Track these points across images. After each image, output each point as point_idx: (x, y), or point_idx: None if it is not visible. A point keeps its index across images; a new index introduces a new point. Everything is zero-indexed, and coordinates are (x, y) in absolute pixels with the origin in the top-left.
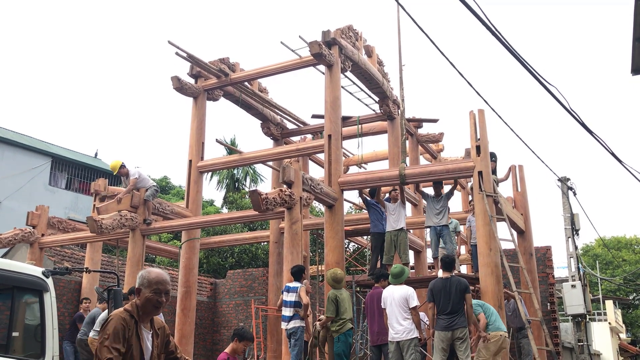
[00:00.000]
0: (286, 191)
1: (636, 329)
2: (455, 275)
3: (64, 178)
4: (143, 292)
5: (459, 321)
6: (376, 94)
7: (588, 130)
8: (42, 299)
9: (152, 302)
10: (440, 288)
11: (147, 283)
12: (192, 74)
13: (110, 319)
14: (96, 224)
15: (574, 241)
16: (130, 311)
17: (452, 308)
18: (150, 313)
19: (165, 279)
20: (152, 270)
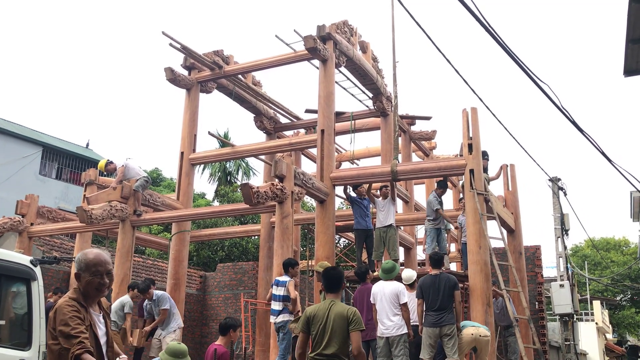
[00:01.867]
0: (278, 185)
1: (623, 329)
2: (445, 272)
3: (55, 168)
4: (83, 276)
5: (447, 318)
6: (370, 90)
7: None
8: (29, 287)
9: (94, 285)
10: (429, 285)
11: (86, 266)
12: (186, 65)
13: (56, 308)
14: (86, 214)
15: (564, 241)
16: (75, 298)
17: (441, 304)
18: (95, 297)
19: (105, 259)
20: (89, 251)
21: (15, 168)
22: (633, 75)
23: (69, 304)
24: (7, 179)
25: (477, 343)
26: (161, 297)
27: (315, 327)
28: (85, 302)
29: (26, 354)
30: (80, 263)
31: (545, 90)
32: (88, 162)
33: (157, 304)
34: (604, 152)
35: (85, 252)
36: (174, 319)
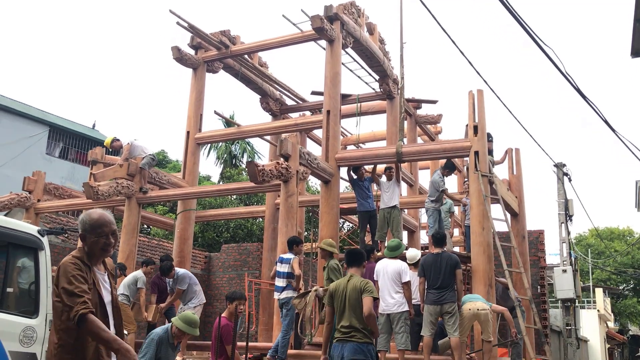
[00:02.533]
0: (283, 164)
1: (624, 318)
2: (447, 252)
3: (61, 147)
4: (88, 237)
5: (448, 296)
6: (376, 72)
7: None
8: (37, 257)
9: (99, 245)
10: (430, 263)
11: (90, 227)
12: (193, 45)
13: (60, 266)
14: (92, 190)
15: (567, 227)
16: (80, 257)
17: (442, 283)
18: (101, 256)
19: (109, 219)
20: (93, 211)
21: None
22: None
23: (72, 262)
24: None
25: (477, 318)
26: (181, 276)
27: (337, 300)
28: (90, 262)
29: (34, 321)
30: (84, 224)
31: (549, 55)
32: (94, 143)
33: (177, 282)
34: (607, 121)
35: (89, 213)
36: (196, 296)
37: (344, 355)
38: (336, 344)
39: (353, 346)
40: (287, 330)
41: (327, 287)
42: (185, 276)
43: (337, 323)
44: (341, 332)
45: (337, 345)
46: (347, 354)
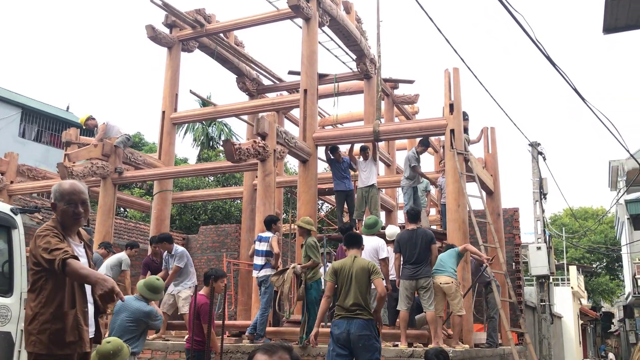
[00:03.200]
0: (260, 143)
1: (597, 295)
2: (422, 228)
3: (35, 130)
4: (58, 206)
5: (423, 271)
6: (354, 52)
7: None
8: (10, 236)
9: (68, 214)
10: (406, 239)
11: (60, 196)
12: (167, 23)
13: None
14: (67, 170)
15: (542, 205)
16: (54, 226)
17: (417, 258)
18: (72, 226)
19: (80, 189)
20: (65, 181)
21: None
22: (612, 33)
23: (47, 228)
24: None
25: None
26: (180, 253)
27: (341, 278)
28: (64, 232)
29: (8, 300)
30: (55, 193)
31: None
32: (68, 125)
33: (174, 259)
34: (577, 89)
35: (60, 183)
36: (189, 277)
37: (351, 331)
38: (340, 320)
39: (360, 322)
40: (265, 308)
41: (305, 263)
42: (184, 254)
43: (341, 300)
44: (346, 310)
45: (341, 321)
46: (355, 330)
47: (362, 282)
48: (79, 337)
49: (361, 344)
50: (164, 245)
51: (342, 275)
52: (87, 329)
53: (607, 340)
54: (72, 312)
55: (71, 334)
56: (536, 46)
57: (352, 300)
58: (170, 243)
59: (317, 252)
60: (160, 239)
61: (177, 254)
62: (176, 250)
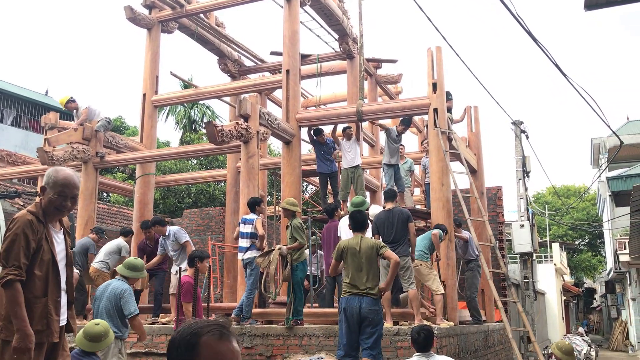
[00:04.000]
0: (243, 124)
1: (580, 272)
2: (398, 207)
3: (13, 115)
4: (47, 192)
5: (400, 250)
6: (336, 32)
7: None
8: None
9: (54, 204)
10: (383, 219)
11: (53, 183)
12: (146, 4)
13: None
14: (47, 155)
15: (525, 183)
16: (35, 212)
17: (394, 237)
18: (54, 215)
19: (73, 182)
20: (62, 169)
21: None
22: (594, 9)
23: (28, 219)
24: None
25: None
26: (177, 231)
27: (349, 257)
28: (44, 219)
29: None
30: (49, 178)
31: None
32: (48, 109)
33: (175, 238)
34: (558, 65)
35: (57, 169)
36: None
37: (362, 306)
38: (351, 297)
39: (370, 300)
40: (251, 290)
41: (290, 245)
42: (182, 230)
43: (353, 279)
44: (357, 288)
45: (352, 297)
46: (365, 306)
47: (372, 261)
48: (46, 327)
49: (370, 318)
50: (157, 229)
51: (350, 254)
52: (57, 319)
53: (589, 316)
54: (42, 300)
55: (39, 322)
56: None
57: (364, 279)
58: (163, 225)
59: (303, 233)
60: (153, 223)
61: (175, 233)
62: (171, 230)
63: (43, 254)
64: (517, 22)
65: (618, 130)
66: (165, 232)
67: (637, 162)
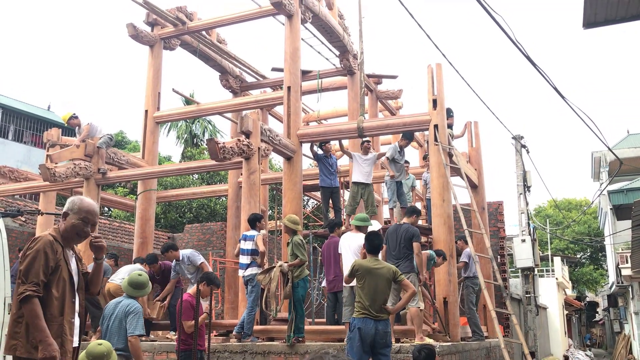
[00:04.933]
0: (244, 141)
1: (582, 285)
2: (408, 224)
3: (15, 130)
4: (70, 217)
5: (403, 266)
6: (337, 48)
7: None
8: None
9: (77, 229)
10: (391, 232)
11: (78, 209)
12: (149, 21)
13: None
14: (49, 172)
15: (525, 197)
16: (55, 236)
17: (398, 253)
18: (73, 240)
19: (96, 210)
20: (85, 198)
21: None
22: (592, 28)
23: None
24: None
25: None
26: (191, 254)
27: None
28: (63, 242)
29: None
30: (73, 205)
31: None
32: (50, 125)
33: (190, 261)
34: (556, 88)
35: (81, 198)
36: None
37: (378, 329)
38: (367, 319)
39: (385, 322)
40: (252, 307)
41: (291, 262)
42: (195, 252)
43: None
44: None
45: (369, 320)
46: (381, 329)
47: (388, 286)
48: (61, 346)
49: (383, 341)
50: (171, 254)
51: (367, 276)
52: (72, 339)
53: (592, 329)
54: (58, 319)
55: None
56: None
57: (378, 305)
58: (176, 250)
59: (304, 250)
60: (167, 248)
61: (189, 256)
62: (184, 254)
63: (61, 274)
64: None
65: (619, 143)
66: (179, 256)
67: (638, 176)
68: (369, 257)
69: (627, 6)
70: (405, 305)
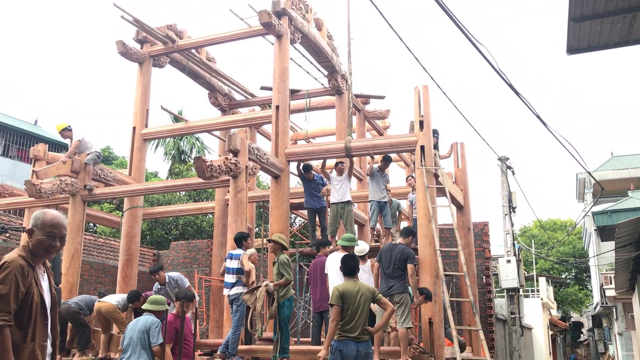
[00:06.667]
0: (232, 159)
1: (567, 305)
2: (402, 244)
3: (1, 145)
4: (36, 233)
5: (396, 286)
6: (325, 68)
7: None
8: None
9: (43, 245)
10: (385, 251)
11: (41, 224)
12: (138, 39)
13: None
14: (35, 188)
15: (511, 218)
16: (25, 257)
17: (392, 272)
18: (42, 257)
19: (61, 223)
20: (49, 211)
21: None
22: (575, 54)
23: (20, 263)
24: None
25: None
26: (178, 277)
27: (348, 303)
28: (33, 261)
29: None
30: (37, 220)
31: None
32: (37, 139)
33: (177, 285)
34: (539, 116)
35: (44, 211)
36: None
37: (360, 350)
38: (348, 341)
39: (366, 343)
40: (237, 326)
41: (276, 281)
42: (182, 277)
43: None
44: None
45: (350, 342)
46: (363, 349)
47: (366, 308)
48: None
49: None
50: (160, 276)
51: (348, 301)
52: None
53: (576, 350)
54: (29, 345)
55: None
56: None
57: (360, 326)
58: (163, 271)
59: (290, 269)
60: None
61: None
62: (171, 277)
63: (34, 297)
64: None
65: (602, 165)
66: (163, 280)
67: (621, 197)
68: (347, 280)
69: (609, 34)
70: (385, 324)
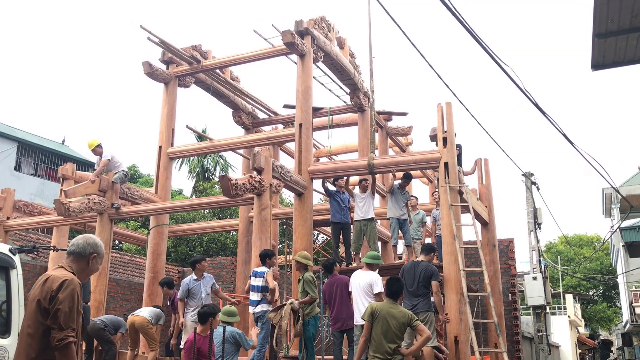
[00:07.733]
0: (256, 177)
1: (595, 323)
2: (426, 261)
3: (31, 164)
4: (97, 259)
5: (420, 305)
6: (347, 86)
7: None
8: (8, 275)
9: (96, 267)
10: (408, 269)
11: (101, 250)
12: (164, 60)
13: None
14: (63, 206)
15: (536, 234)
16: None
17: (414, 291)
18: (87, 276)
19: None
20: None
21: None
22: (600, 69)
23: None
24: None
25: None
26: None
27: (380, 324)
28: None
29: (5, 341)
30: (96, 246)
31: (508, 73)
32: (64, 158)
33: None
34: (565, 135)
35: (93, 237)
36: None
37: None
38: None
39: None
40: (262, 344)
41: (302, 299)
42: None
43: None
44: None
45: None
46: None
47: (399, 331)
48: None
49: None
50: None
51: (380, 320)
52: None
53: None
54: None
55: None
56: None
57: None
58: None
59: (314, 287)
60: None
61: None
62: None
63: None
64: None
65: (629, 180)
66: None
67: None
68: (387, 301)
69: (635, 49)
70: (418, 349)
